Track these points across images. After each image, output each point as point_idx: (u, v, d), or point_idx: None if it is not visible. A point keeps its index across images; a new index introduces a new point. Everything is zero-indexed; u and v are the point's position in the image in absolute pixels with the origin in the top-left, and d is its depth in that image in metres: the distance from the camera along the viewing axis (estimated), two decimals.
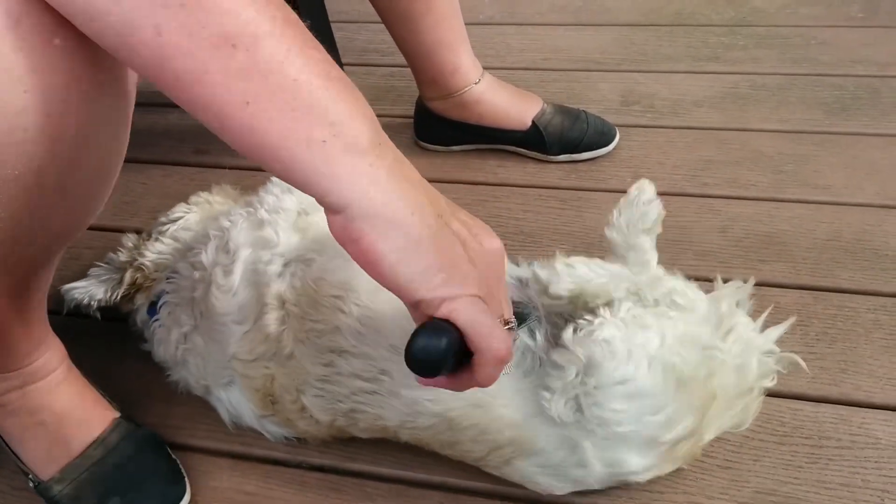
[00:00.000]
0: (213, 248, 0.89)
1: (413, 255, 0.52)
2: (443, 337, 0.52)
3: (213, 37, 0.47)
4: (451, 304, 0.53)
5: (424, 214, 0.53)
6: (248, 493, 0.89)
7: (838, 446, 0.87)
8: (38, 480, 0.85)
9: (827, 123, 1.37)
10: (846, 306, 1.03)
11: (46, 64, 0.52)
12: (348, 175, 0.51)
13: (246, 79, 0.48)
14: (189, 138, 1.47)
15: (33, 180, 0.56)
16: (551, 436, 0.77)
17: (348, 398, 0.81)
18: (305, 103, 0.50)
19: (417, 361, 0.53)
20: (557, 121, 1.30)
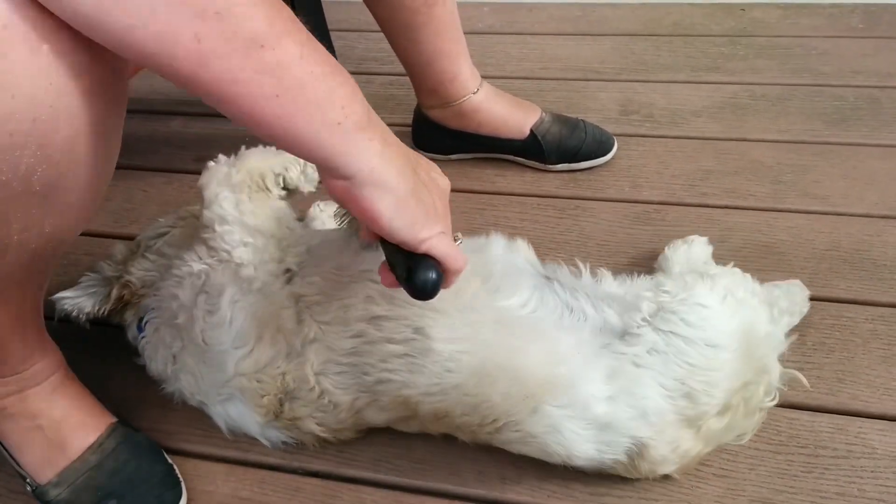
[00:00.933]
0: (188, 287, 0.88)
1: (402, 211, 0.64)
2: (430, 271, 0.68)
3: (246, 40, 0.53)
4: (429, 244, 0.67)
5: (405, 174, 0.65)
6: (244, 498, 0.89)
7: (834, 456, 0.87)
8: (36, 484, 0.86)
9: (826, 134, 1.37)
10: (844, 316, 1.03)
11: (34, 70, 0.53)
12: (357, 150, 0.61)
13: (275, 75, 0.55)
14: (190, 146, 1.48)
15: (21, 186, 0.56)
16: (588, 364, 0.80)
17: (375, 367, 0.83)
18: (322, 92, 0.58)
19: (423, 292, 0.68)
20: (556, 130, 1.31)
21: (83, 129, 0.58)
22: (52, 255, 0.72)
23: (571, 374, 0.80)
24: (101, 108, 0.59)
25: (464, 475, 0.88)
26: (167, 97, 1.61)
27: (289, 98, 0.56)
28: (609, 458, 0.81)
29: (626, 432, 0.79)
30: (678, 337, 0.80)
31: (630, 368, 0.80)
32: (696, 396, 0.79)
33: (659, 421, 0.79)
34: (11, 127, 0.53)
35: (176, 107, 1.59)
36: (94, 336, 1.06)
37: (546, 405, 0.79)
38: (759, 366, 0.84)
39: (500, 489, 0.87)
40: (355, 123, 0.60)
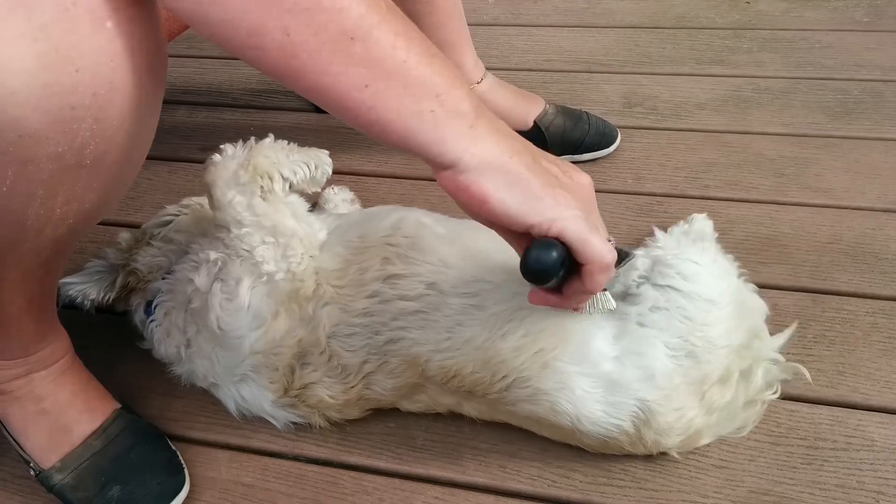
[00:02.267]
0: (204, 274, 0.89)
1: (516, 188, 0.61)
2: (553, 250, 0.61)
3: (335, 33, 0.54)
4: (559, 224, 0.61)
5: (521, 155, 0.62)
6: (246, 484, 0.90)
7: (834, 448, 0.88)
8: (40, 469, 0.86)
9: (830, 127, 1.37)
10: (845, 309, 1.03)
11: (97, 45, 0.54)
12: (453, 137, 0.60)
13: (364, 66, 0.56)
14: (195, 135, 1.48)
15: (74, 158, 0.58)
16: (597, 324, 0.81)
17: (388, 326, 0.84)
18: (415, 80, 0.58)
19: (532, 271, 0.62)
20: (559, 122, 1.31)
21: (134, 107, 0.59)
22: (81, 233, 0.73)
23: (581, 330, 0.81)
24: (149, 85, 0.61)
25: (464, 463, 0.89)
26: (172, 86, 1.61)
27: (379, 88, 0.57)
28: (615, 422, 0.81)
29: (633, 394, 0.79)
30: (676, 291, 0.81)
31: (635, 328, 0.81)
32: (698, 354, 0.80)
33: (666, 384, 0.79)
34: (74, 100, 0.54)
35: (181, 96, 1.59)
36: (100, 323, 1.07)
37: (557, 361, 0.80)
38: (751, 329, 0.85)
39: (500, 478, 0.87)
40: (452, 110, 0.59)
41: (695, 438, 0.84)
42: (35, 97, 0.52)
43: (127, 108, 0.59)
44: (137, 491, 0.85)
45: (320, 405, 0.88)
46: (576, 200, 0.63)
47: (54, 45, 0.52)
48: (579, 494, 0.85)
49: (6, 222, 0.61)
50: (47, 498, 0.87)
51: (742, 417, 0.86)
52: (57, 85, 0.53)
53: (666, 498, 0.84)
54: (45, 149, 0.55)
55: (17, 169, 0.56)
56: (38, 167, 0.57)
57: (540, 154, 0.66)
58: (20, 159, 0.55)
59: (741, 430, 0.88)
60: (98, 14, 0.54)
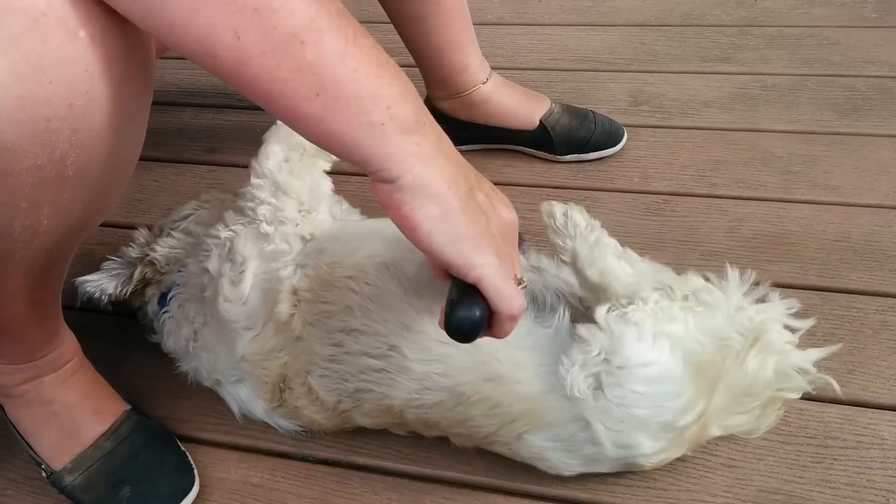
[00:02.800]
0: (216, 257, 0.89)
1: (446, 225, 0.59)
2: (475, 308, 0.61)
3: (286, 35, 0.52)
4: (478, 272, 0.61)
5: (458, 187, 0.60)
6: (255, 484, 0.90)
7: (843, 446, 0.87)
8: (51, 470, 0.87)
9: (837, 124, 1.36)
10: (854, 307, 1.02)
11: (70, 55, 0.53)
12: (399, 154, 0.58)
13: (315, 72, 0.54)
14: (202, 137, 1.49)
15: (54, 170, 0.57)
16: (565, 410, 0.78)
17: (355, 377, 0.83)
18: (366, 91, 0.56)
19: (457, 331, 0.62)
20: (565, 121, 1.31)
21: (115, 116, 0.59)
22: (76, 242, 0.73)
23: (551, 411, 0.78)
24: (131, 94, 0.60)
25: (472, 463, 0.89)
26: (179, 88, 1.62)
27: (328, 97, 0.55)
28: (604, 471, 0.82)
29: (618, 461, 0.80)
30: (640, 408, 0.75)
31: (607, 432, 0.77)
32: (683, 426, 0.78)
33: (654, 451, 0.78)
34: (49, 112, 0.54)
35: (187, 98, 1.60)
36: (109, 325, 1.07)
37: (529, 435, 0.79)
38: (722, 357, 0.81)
39: (508, 477, 0.87)
40: (400, 125, 0.57)
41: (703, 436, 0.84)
42: (8, 109, 0.52)
43: (107, 118, 0.58)
44: (148, 491, 0.86)
45: (311, 423, 0.89)
46: (495, 245, 0.62)
47: (25, 57, 0.51)
48: (588, 494, 0.85)
49: None
50: (58, 499, 0.88)
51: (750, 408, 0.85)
52: (30, 97, 0.52)
53: (675, 497, 0.84)
54: (22, 162, 0.55)
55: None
56: (18, 180, 0.56)
57: (475, 180, 0.64)
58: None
59: (754, 432, 0.86)
60: (70, 24, 0.53)
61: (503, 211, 0.66)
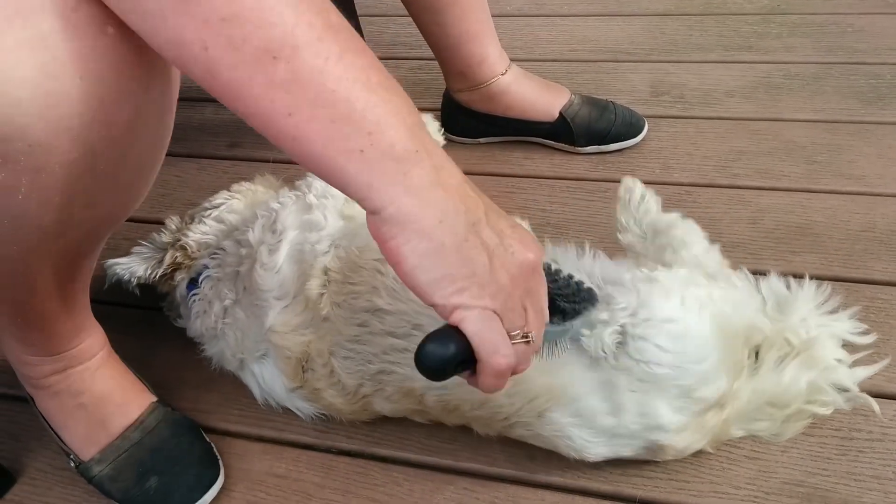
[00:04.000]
0: (259, 227, 0.92)
1: (433, 262, 0.54)
2: (450, 344, 0.56)
3: (256, 50, 0.49)
4: (461, 314, 0.56)
5: (454, 223, 0.55)
6: (279, 475, 0.91)
7: (869, 438, 0.87)
8: (79, 461, 0.88)
9: (862, 113, 1.35)
10: (879, 298, 1.01)
11: (100, 52, 0.54)
12: (382, 183, 0.53)
13: (287, 90, 0.50)
14: (223, 132, 1.50)
15: (85, 165, 0.58)
16: (586, 381, 0.78)
17: (378, 357, 0.84)
18: (344, 114, 0.51)
19: (424, 367, 0.57)
20: (585, 112, 1.30)
21: (143, 109, 0.59)
22: (105, 235, 0.74)
23: (572, 384, 0.79)
24: (159, 88, 0.61)
25: (493, 455, 0.89)
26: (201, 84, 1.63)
27: (302, 119, 0.51)
28: (626, 454, 0.82)
29: (641, 437, 0.80)
30: (661, 366, 0.76)
31: (628, 394, 0.77)
32: (703, 398, 0.78)
33: (674, 426, 0.79)
34: (80, 108, 0.54)
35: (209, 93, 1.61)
36: (135, 317, 1.09)
37: (551, 412, 0.80)
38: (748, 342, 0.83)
39: (529, 469, 0.88)
40: (384, 152, 0.52)
41: (724, 432, 0.84)
42: (39, 106, 0.52)
43: (137, 113, 0.59)
44: (174, 482, 0.87)
45: (330, 408, 0.90)
46: (496, 288, 0.56)
47: (54, 54, 0.52)
48: (610, 486, 0.85)
49: (25, 228, 0.62)
50: (87, 489, 0.89)
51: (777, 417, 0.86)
52: (62, 94, 0.53)
53: (698, 489, 0.84)
54: (55, 157, 0.55)
55: (30, 177, 0.56)
56: (51, 175, 0.57)
57: (483, 214, 0.57)
58: (32, 168, 0.55)
59: (778, 438, 0.87)
60: (99, 20, 0.53)
61: (517, 250, 0.58)
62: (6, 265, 0.67)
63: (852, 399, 0.87)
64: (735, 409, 0.83)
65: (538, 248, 0.60)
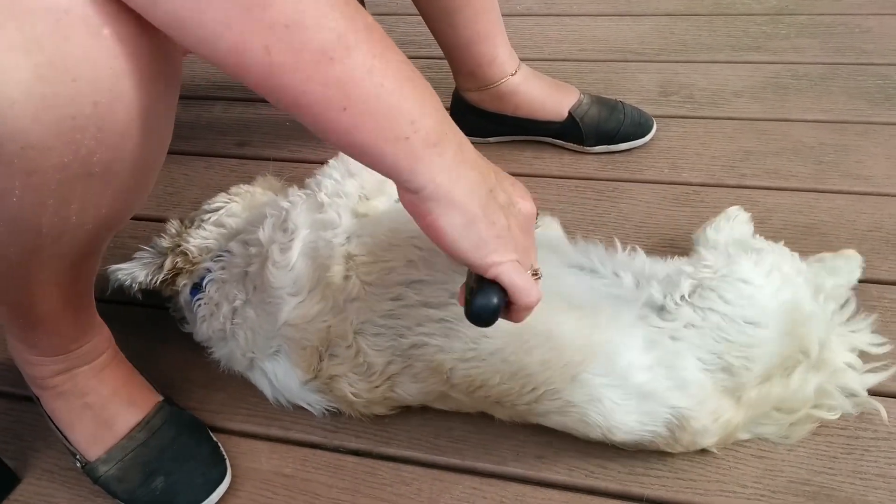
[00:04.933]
0: (269, 225, 0.92)
1: (468, 231, 0.63)
2: (493, 297, 0.66)
3: (315, 52, 0.54)
4: (496, 269, 0.65)
5: (479, 193, 0.63)
6: (286, 475, 0.91)
7: (875, 437, 0.86)
8: (86, 461, 0.88)
9: (870, 113, 1.34)
10: (886, 297, 1.01)
11: (94, 54, 0.54)
12: (423, 165, 0.60)
13: (342, 87, 0.55)
14: (231, 131, 1.50)
15: (81, 167, 0.58)
16: (627, 334, 0.82)
17: (411, 330, 0.84)
18: (391, 105, 0.58)
19: (478, 317, 0.67)
20: (594, 112, 1.30)
21: (140, 112, 0.59)
22: (107, 236, 0.74)
23: (610, 342, 0.81)
24: (156, 91, 0.60)
25: (501, 454, 0.89)
26: (209, 82, 1.64)
27: (356, 111, 0.56)
28: (649, 429, 0.81)
29: (665, 402, 0.80)
30: (716, 313, 0.80)
31: (667, 342, 0.81)
32: (734, 371, 0.80)
33: (698, 392, 0.79)
34: (74, 110, 0.54)
35: (217, 92, 1.61)
36: (141, 317, 1.09)
37: (585, 373, 0.80)
38: (802, 344, 0.83)
39: (536, 468, 0.88)
40: (424, 138, 0.59)
41: (732, 435, 0.84)
42: (33, 108, 0.52)
43: (133, 115, 0.59)
44: (181, 482, 0.87)
45: (345, 399, 0.90)
46: (514, 242, 0.66)
47: (48, 57, 0.52)
48: (617, 485, 0.85)
49: (22, 231, 0.62)
50: (93, 489, 0.89)
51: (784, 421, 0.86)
52: (55, 96, 0.53)
53: (704, 488, 0.84)
54: (49, 159, 0.55)
55: (23, 180, 0.56)
56: (45, 177, 0.57)
57: (494, 179, 0.66)
58: (25, 170, 0.55)
59: (786, 439, 0.87)
60: (93, 22, 0.53)
61: (521, 204, 0.69)
62: (5, 267, 0.67)
63: (860, 404, 0.87)
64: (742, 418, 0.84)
65: (531, 197, 0.71)
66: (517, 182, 0.71)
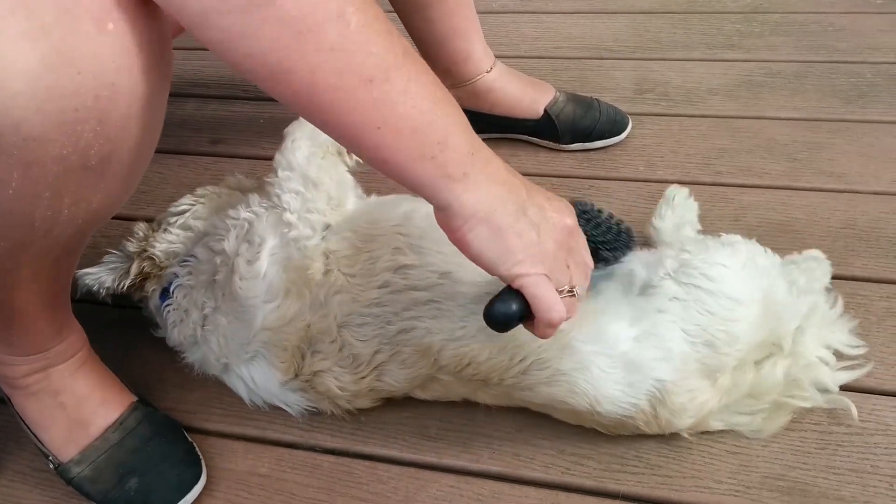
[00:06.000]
0: (234, 237, 0.91)
1: (494, 243, 0.65)
2: (512, 304, 0.69)
3: (357, 75, 0.57)
4: (520, 281, 0.67)
5: (507, 208, 0.65)
6: (262, 475, 0.90)
7: (848, 432, 0.87)
8: (58, 462, 0.87)
9: (843, 111, 1.36)
10: (859, 294, 1.02)
11: (99, 47, 0.54)
12: (449, 184, 0.63)
13: (380, 108, 0.58)
14: (205, 128, 1.49)
15: (79, 160, 0.58)
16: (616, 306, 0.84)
17: (399, 316, 0.85)
18: (423, 126, 0.60)
19: (492, 319, 0.70)
20: (570, 109, 1.30)
21: (137, 106, 0.59)
22: (89, 233, 0.74)
23: (598, 312, 0.82)
24: (153, 85, 0.61)
25: (478, 452, 0.89)
26: (182, 79, 1.62)
27: (389, 131, 0.59)
28: (632, 401, 0.82)
29: (650, 373, 0.81)
30: (699, 289, 0.83)
31: (653, 314, 0.82)
32: (716, 345, 0.81)
33: (682, 366, 0.81)
34: (76, 103, 0.54)
35: (190, 89, 1.60)
36: (116, 317, 1.08)
37: (575, 341, 0.81)
38: (777, 330, 0.86)
39: (513, 465, 0.88)
40: (451, 158, 0.62)
41: (705, 421, 0.85)
42: (37, 100, 0.52)
43: (131, 109, 0.59)
44: (155, 482, 0.86)
45: (329, 394, 0.89)
46: (544, 256, 0.68)
47: (55, 47, 0.52)
48: (593, 481, 0.86)
49: (14, 224, 0.62)
50: (66, 490, 0.88)
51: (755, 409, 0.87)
52: (59, 87, 0.53)
53: (680, 484, 0.84)
54: (49, 151, 0.55)
55: (22, 171, 0.56)
56: (44, 169, 0.57)
57: (525, 196, 0.68)
58: (25, 161, 0.55)
59: (759, 433, 0.88)
60: (99, 15, 0.54)
61: (556, 218, 0.70)
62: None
63: (832, 401, 0.88)
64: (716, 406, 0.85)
65: (572, 213, 0.73)
66: (554, 197, 0.72)
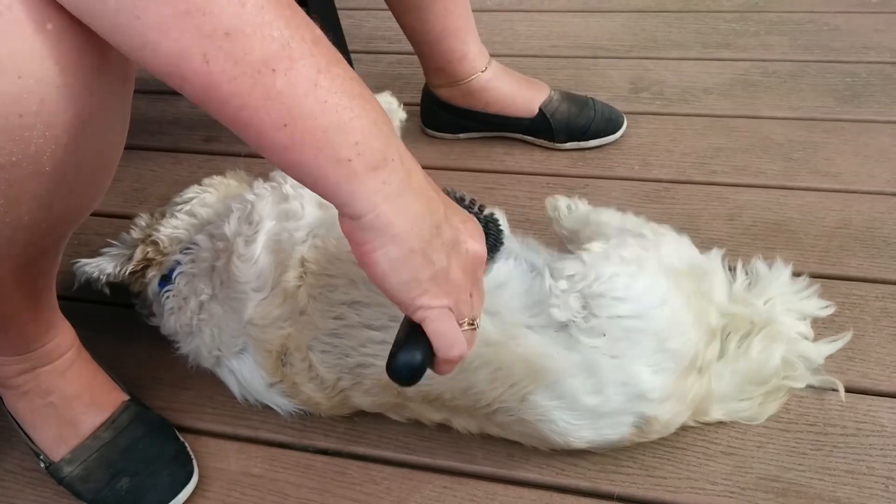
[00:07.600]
0: (235, 219, 0.91)
1: (402, 266, 0.59)
2: (416, 353, 0.63)
3: (256, 62, 0.50)
4: (423, 313, 0.62)
5: (422, 227, 0.59)
6: (255, 475, 0.90)
7: (843, 433, 0.87)
8: (49, 461, 0.87)
9: (838, 111, 1.36)
10: (854, 294, 1.02)
11: (39, 49, 0.52)
12: (365, 191, 0.56)
13: (283, 102, 0.52)
14: (199, 126, 1.48)
15: (31, 166, 0.56)
16: (565, 362, 0.79)
17: (356, 350, 0.83)
18: (334, 124, 0.54)
19: (396, 374, 0.63)
20: (564, 108, 1.30)
21: (91, 108, 0.57)
22: (64, 234, 0.72)
23: (553, 367, 0.79)
24: (107, 86, 0.59)
25: (472, 452, 0.89)
26: None
27: (297, 128, 0.53)
28: (613, 437, 0.81)
29: (626, 412, 0.80)
30: (626, 318, 0.78)
31: (608, 361, 0.78)
32: (677, 352, 0.79)
33: (659, 393, 0.79)
34: (20, 108, 0.53)
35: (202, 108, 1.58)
36: (107, 315, 1.07)
37: (534, 395, 0.79)
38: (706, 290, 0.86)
39: (508, 466, 0.88)
40: (368, 162, 0.55)
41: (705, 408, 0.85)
42: None
43: (83, 111, 0.57)
44: (146, 482, 0.86)
45: (309, 402, 0.89)
46: (450, 287, 0.62)
47: None
48: (588, 482, 0.85)
49: None
50: (57, 490, 0.88)
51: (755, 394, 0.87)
52: (0, 94, 0.51)
53: (675, 485, 0.84)
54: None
55: None
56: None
57: (443, 215, 0.62)
58: None
59: (755, 419, 0.88)
60: (37, 16, 0.51)
61: (470, 245, 0.65)
62: None
63: (822, 381, 0.89)
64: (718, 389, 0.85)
65: (482, 237, 0.67)
66: (470, 219, 0.67)
